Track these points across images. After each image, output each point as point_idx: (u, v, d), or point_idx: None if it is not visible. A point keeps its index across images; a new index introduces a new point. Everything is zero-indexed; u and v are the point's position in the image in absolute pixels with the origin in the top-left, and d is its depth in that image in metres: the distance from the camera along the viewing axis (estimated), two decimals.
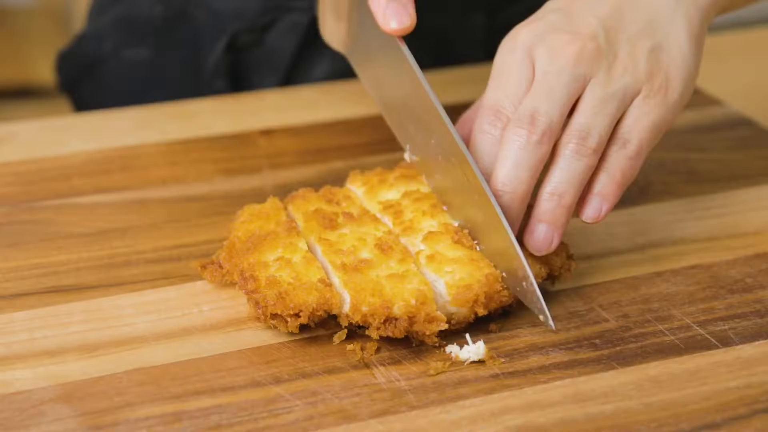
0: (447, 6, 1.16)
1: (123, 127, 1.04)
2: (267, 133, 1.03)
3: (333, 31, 0.87)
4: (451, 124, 0.76)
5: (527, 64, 0.77)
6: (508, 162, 0.74)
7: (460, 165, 0.76)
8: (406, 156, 0.83)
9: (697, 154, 0.98)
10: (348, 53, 0.87)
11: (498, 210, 0.73)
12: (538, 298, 0.73)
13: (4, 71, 2.58)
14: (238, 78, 1.18)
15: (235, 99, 1.10)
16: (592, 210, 0.76)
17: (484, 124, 0.76)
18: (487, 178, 0.75)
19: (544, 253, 0.75)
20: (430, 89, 0.77)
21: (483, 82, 1.10)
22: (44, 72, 2.43)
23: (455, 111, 0.86)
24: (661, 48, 0.78)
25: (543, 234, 0.74)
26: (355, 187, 0.83)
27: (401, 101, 0.81)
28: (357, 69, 0.87)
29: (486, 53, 1.19)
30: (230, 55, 1.16)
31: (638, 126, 0.76)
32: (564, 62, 0.75)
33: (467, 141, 0.78)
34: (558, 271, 0.77)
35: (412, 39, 1.17)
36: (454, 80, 1.11)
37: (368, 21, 0.80)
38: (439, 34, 1.18)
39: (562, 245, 0.77)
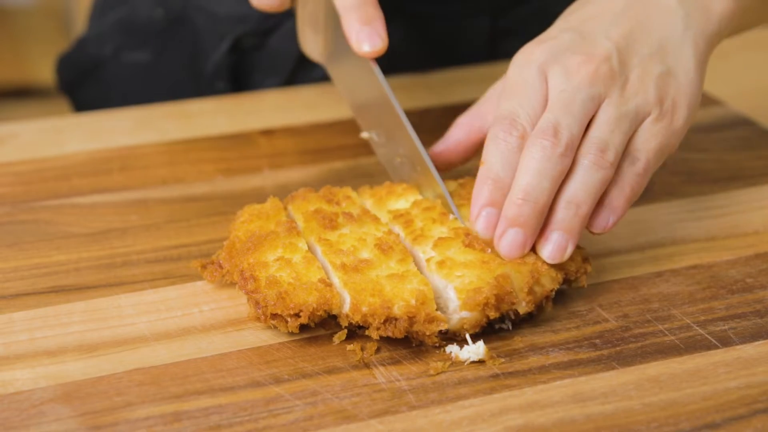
0: (451, 9, 1.17)
1: (123, 127, 1.04)
2: (267, 133, 1.03)
3: (311, 43, 0.91)
4: (416, 136, 0.80)
5: (541, 80, 0.78)
6: (531, 171, 0.74)
7: (423, 171, 0.80)
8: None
9: (697, 154, 0.98)
10: (326, 63, 0.91)
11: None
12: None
13: (4, 71, 2.58)
14: (239, 79, 1.18)
15: (235, 99, 1.10)
16: (602, 221, 0.77)
17: (499, 132, 0.77)
18: (501, 184, 0.75)
19: (558, 261, 0.75)
20: (395, 101, 0.81)
21: (485, 82, 1.10)
22: (44, 72, 2.43)
23: (458, 111, 0.86)
24: (670, 73, 0.80)
25: (558, 242, 0.74)
26: (364, 199, 0.82)
27: (372, 110, 0.86)
28: (333, 78, 0.91)
29: (489, 56, 1.19)
30: (232, 56, 1.16)
31: (646, 146, 0.78)
32: (580, 81, 0.77)
33: (458, 143, 0.84)
34: (573, 275, 0.77)
35: (417, 42, 1.18)
36: (455, 80, 1.11)
37: (343, 35, 0.84)
38: (444, 37, 1.18)
39: (578, 249, 0.77)
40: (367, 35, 0.81)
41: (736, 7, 0.83)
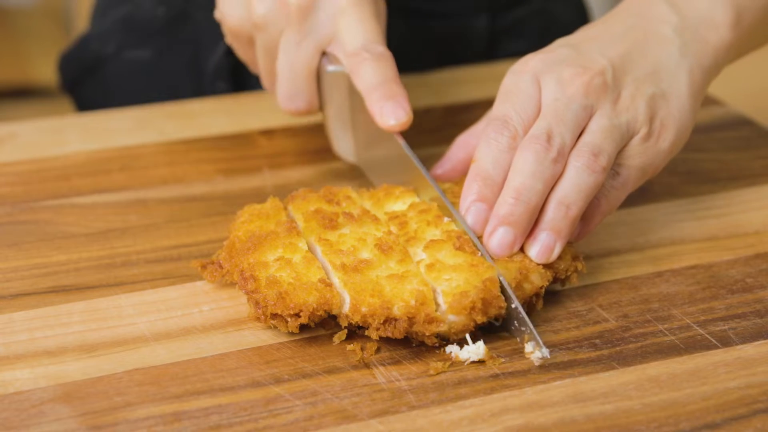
0: (451, 9, 1.17)
1: (123, 127, 1.04)
2: (267, 133, 1.03)
3: (342, 142, 0.91)
4: (452, 206, 0.78)
5: (535, 88, 0.79)
6: (525, 173, 0.75)
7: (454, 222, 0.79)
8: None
9: (697, 154, 0.98)
10: (358, 161, 0.91)
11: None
12: (527, 323, 0.72)
13: (4, 71, 2.58)
14: (239, 79, 1.18)
15: (235, 99, 1.10)
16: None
17: (491, 132, 0.77)
18: (491, 182, 0.75)
19: (544, 261, 0.75)
20: (429, 175, 0.81)
21: (484, 82, 1.10)
22: (44, 72, 2.43)
23: (458, 111, 0.86)
24: (662, 96, 0.81)
25: (545, 242, 0.75)
26: (363, 200, 0.82)
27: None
28: (369, 173, 0.91)
29: (489, 55, 1.19)
30: (232, 56, 1.16)
31: (629, 162, 0.79)
32: (574, 91, 0.78)
33: (458, 162, 0.84)
34: (564, 274, 0.77)
35: (417, 42, 1.18)
36: (455, 80, 1.11)
37: (370, 126, 0.84)
38: (443, 37, 1.18)
39: (567, 248, 0.77)
40: (392, 109, 0.81)
41: (733, 38, 0.84)
